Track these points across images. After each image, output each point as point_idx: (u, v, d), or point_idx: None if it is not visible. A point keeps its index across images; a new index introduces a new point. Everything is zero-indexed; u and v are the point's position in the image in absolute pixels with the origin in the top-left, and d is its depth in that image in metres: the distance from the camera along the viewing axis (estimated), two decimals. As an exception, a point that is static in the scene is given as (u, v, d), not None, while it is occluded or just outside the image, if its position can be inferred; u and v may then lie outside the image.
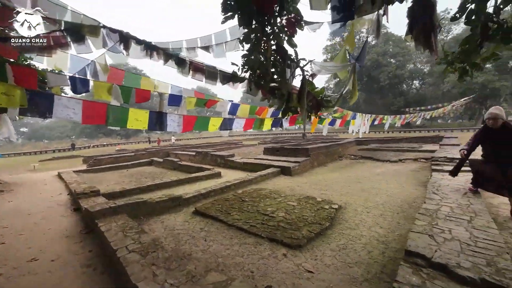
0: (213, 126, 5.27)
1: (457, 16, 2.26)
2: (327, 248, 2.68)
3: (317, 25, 3.58)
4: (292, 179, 6.50)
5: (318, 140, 13.94)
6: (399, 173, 6.47)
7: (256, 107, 6.17)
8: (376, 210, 3.80)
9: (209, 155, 10.29)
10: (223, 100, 5.27)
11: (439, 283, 1.57)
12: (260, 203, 4.17)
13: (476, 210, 2.75)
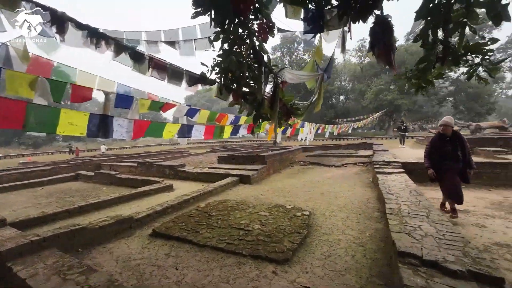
0: (169, 133, 4.69)
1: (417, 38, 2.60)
2: (313, 258, 2.61)
3: (290, 33, 3.63)
4: (253, 187, 6.35)
5: (268, 148, 14.34)
6: (346, 177, 7.18)
7: (216, 114, 5.85)
8: (341, 213, 4.02)
9: (155, 166, 9.17)
10: (181, 105, 4.75)
11: (438, 280, 1.67)
12: (230, 216, 3.84)
13: (426, 206, 3.21)
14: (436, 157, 3.85)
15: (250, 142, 33.48)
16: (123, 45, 2.91)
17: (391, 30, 2.95)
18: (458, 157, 3.69)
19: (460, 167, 3.70)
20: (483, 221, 3.48)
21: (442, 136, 3.83)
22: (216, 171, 7.67)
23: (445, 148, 3.74)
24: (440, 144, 3.81)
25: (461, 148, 3.70)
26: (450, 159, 3.71)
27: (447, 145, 3.74)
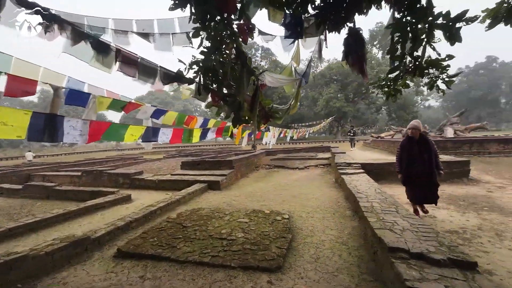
0: (132, 136, 4.19)
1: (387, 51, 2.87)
2: (304, 262, 2.59)
3: (270, 37, 3.63)
4: (223, 193, 6.11)
5: (232, 152, 14.13)
6: (311, 178, 7.54)
7: (185, 116, 5.47)
8: (317, 214, 4.15)
9: (106, 174, 8.05)
10: (147, 105, 4.28)
11: (428, 271, 1.82)
12: (208, 226, 3.58)
13: (392, 202, 3.56)
14: (405, 160, 3.87)
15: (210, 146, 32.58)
16: (83, 32, 2.43)
17: (363, 42, 3.19)
18: (425, 160, 3.70)
19: (428, 172, 3.69)
20: (433, 212, 4.04)
21: (410, 139, 3.87)
22: (181, 177, 7.14)
23: (413, 150, 3.77)
24: (409, 147, 3.84)
25: (428, 150, 3.72)
26: (418, 162, 3.73)
27: (415, 148, 3.77)
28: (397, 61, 2.89)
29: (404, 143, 3.96)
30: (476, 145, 9.54)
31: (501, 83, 47.94)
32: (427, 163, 3.71)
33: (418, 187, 3.81)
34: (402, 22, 2.59)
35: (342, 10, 2.80)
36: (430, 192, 3.76)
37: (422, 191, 3.77)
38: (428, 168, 3.70)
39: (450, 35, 2.45)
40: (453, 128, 18.68)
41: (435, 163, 3.74)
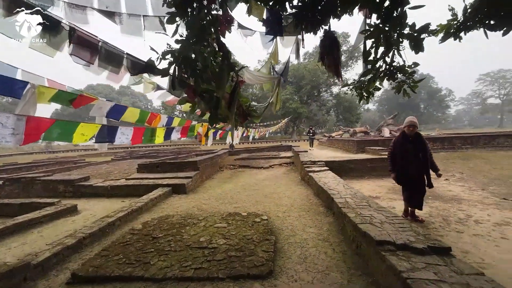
0: (82, 136, 3.55)
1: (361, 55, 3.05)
2: (293, 264, 2.54)
3: (250, 32, 3.47)
4: (190, 197, 5.68)
5: (192, 153, 13.40)
6: (278, 177, 7.66)
7: (147, 113, 4.87)
8: (293, 212, 4.19)
9: (39, 182, 6.66)
10: (103, 100, 3.64)
11: (415, 260, 1.96)
12: (183, 234, 3.23)
13: (362, 197, 3.83)
14: (399, 159, 3.63)
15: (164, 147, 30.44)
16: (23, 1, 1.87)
17: (338, 44, 3.32)
18: (420, 158, 3.49)
19: (424, 173, 3.53)
20: (392, 203, 4.51)
21: (405, 137, 3.62)
22: (139, 182, 6.39)
23: (408, 149, 3.55)
24: (403, 145, 3.60)
25: (423, 149, 3.50)
26: (412, 161, 3.51)
27: (409, 146, 3.55)
28: (370, 65, 3.08)
29: (398, 140, 3.70)
30: (411, 143, 11.17)
31: (421, 92, 57.70)
32: (422, 164, 3.50)
33: (414, 190, 3.58)
34: (378, 29, 2.75)
35: (318, 13, 2.85)
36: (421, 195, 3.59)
37: (420, 194, 3.56)
38: (424, 169, 3.52)
39: (415, 44, 2.70)
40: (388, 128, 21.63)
41: (430, 164, 3.54)
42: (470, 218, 3.71)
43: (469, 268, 1.81)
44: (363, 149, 11.04)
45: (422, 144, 3.56)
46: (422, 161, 3.50)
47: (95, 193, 6.22)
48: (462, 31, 2.85)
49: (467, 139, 11.35)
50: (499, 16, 2.46)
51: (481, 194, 4.97)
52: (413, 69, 2.94)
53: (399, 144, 3.66)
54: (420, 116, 58.25)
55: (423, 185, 3.56)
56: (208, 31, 2.61)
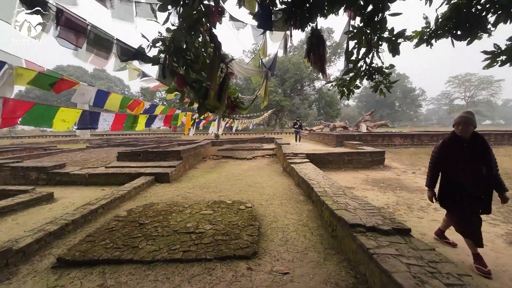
0: (63, 123, 3.49)
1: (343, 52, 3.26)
2: (275, 246, 2.76)
3: (242, 24, 3.51)
4: (174, 186, 5.71)
5: (174, 142, 13.17)
6: (260, 168, 7.89)
7: (129, 99, 4.77)
8: (275, 200, 4.43)
9: (7, 169, 6.26)
10: (86, 85, 3.52)
11: (381, 239, 2.26)
12: (169, 221, 3.32)
13: (339, 186, 4.15)
14: (448, 170, 2.50)
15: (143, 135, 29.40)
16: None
17: (324, 42, 3.51)
18: (480, 170, 2.30)
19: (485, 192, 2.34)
20: (364, 193, 4.92)
21: (457, 140, 2.45)
22: (120, 170, 6.25)
23: (462, 158, 2.38)
24: (455, 151, 2.43)
25: (485, 159, 2.33)
26: (468, 173, 2.34)
27: (465, 154, 2.38)
28: (352, 64, 3.30)
29: (446, 144, 2.53)
30: (386, 138, 11.98)
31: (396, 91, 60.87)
32: (484, 178, 2.30)
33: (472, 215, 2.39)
34: (360, 31, 2.95)
35: (306, 10, 2.99)
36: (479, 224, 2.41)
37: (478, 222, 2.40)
38: (485, 186, 2.32)
39: (392, 48, 2.95)
40: (365, 124, 22.76)
41: (494, 179, 2.34)
42: (430, 206, 4.19)
43: (423, 245, 2.14)
44: (341, 143, 11.61)
45: (484, 150, 2.34)
46: (484, 174, 2.29)
47: (72, 181, 6.00)
48: (434, 39, 3.15)
49: (434, 137, 12.37)
50: (464, 27, 2.77)
51: (441, 185, 5.57)
52: (389, 70, 3.21)
53: (448, 150, 2.50)
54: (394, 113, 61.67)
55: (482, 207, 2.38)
56: (200, 21, 2.64)
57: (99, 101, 3.76)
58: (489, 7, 2.62)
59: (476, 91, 61.78)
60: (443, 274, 1.67)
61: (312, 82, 43.80)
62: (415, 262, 1.83)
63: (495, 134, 12.66)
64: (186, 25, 2.44)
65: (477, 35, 2.78)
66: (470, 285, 1.57)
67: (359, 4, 2.78)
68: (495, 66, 2.79)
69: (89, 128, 3.79)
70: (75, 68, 53.60)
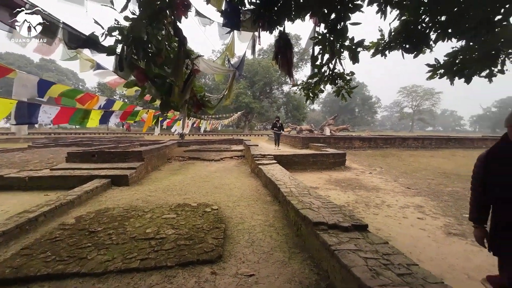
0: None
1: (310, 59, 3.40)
2: (241, 247, 2.71)
3: (208, 21, 3.39)
4: (133, 189, 5.28)
5: (135, 142, 12.25)
6: (228, 169, 7.78)
7: (79, 92, 4.30)
8: (242, 202, 4.39)
9: None
10: (24, 74, 3.05)
11: (342, 236, 2.36)
12: (126, 227, 3.04)
13: (304, 187, 4.28)
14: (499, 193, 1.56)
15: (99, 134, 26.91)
16: None
17: (291, 46, 3.61)
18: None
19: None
20: (327, 192, 5.17)
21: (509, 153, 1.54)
22: (69, 173, 5.57)
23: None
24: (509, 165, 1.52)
25: None
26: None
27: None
28: (317, 69, 3.45)
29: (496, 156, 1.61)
30: (347, 141, 12.85)
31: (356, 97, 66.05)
32: None
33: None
34: (324, 38, 3.09)
35: (274, 13, 3.04)
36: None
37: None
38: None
39: (352, 56, 3.15)
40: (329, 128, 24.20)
41: None
42: (384, 203, 4.58)
43: (378, 239, 2.30)
44: (307, 145, 12.10)
45: None
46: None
47: (8, 186, 5.15)
48: (387, 50, 3.45)
49: (387, 140, 13.67)
50: (412, 42, 3.08)
51: (393, 184, 6.14)
52: (350, 77, 3.42)
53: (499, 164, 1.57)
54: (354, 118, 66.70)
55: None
56: (163, 12, 2.49)
57: (42, 94, 3.29)
58: (431, 26, 2.95)
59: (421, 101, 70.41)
60: (395, 265, 1.81)
61: (280, 86, 45.05)
62: (372, 256, 1.95)
63: (435, 139, 14.50)
64: (147, 15, 2.27)
65: (422, 49, 3.11)
66: (417, 273, 1.72)
67: (324, 12, 2.90)
68: (436, 78, 3.16)
69: (28, 123, 3.30)
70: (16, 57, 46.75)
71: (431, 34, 3.01)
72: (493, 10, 2.50)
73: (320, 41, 3.13)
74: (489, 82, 2.83)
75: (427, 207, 4.38)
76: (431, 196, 5.07)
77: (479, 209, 1.71)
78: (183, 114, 3.30)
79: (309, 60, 3.47)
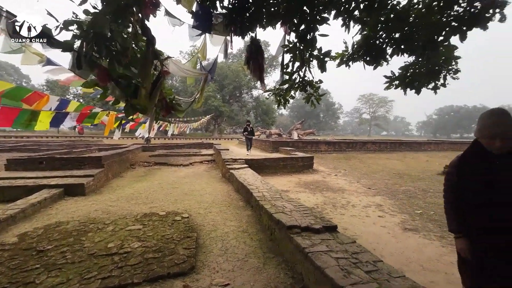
0: None
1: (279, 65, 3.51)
2: (215, 256, 2.63)
3: (178, 22, 3.25)
4: (91, 199, 4.77)
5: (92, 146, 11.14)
6: (199, 175, 7.54)
7: (26, 91, 3.78)
8: (214, 208, 4.27)
9: None
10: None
11: (314, 238, 2.44)
12: (83, 243, 2.72)
13: (276, 190, 4.34)
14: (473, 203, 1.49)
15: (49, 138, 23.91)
16: None
17: (262, 53, 3.69)
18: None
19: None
20: (298, 195, 5.34)
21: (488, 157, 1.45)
22: (9, 183, 4.81)
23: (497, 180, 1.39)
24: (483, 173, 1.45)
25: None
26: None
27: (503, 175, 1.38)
28: (288, 76, 3.56)
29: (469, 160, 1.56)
30: (314, 145, 13.49)
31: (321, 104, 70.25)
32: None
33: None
34: (295, 46, 3.22)
35: (246, 19, 3.09)
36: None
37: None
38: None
39: (321, 65, 3.33)
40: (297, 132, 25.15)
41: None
42: (349, 203, 4.89)
43: (347, 239, 2.44)
44: (277, 149, 12.38)
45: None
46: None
47: None
48: (351, 61, 3.72)
49: (349, 144, 14.70)
50: (371, 55, 3.38)
51: (356, 185, 6.61)
52: (319, 84, 3.60)
53: (473, 170, 1.51)
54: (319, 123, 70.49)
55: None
56: (130, 9, 2.33)
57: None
58: (387, 41, 3.27)
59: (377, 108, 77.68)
60: (363, 263, 1.93)
61: (250, 90, 45.54)
62: (342, 256, 2.05)
63: (390, 143, 16.05)
64: (111, 11, 2.09)
65: (380, 62, 3.42)
66: (382, 269, 1.86)
67: (294, 22, 3.02)
68: (392, 88, 3.50)
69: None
70: None
71: (387, 49, 3.33)
72: (436, 32, 2.88)
73: (291, 49, 3.25)
74: (434, 93, 3.23)
75: (386, 206, 4.79)
76: (389, 195, 5.58)
77: (457, 219, 1.59)
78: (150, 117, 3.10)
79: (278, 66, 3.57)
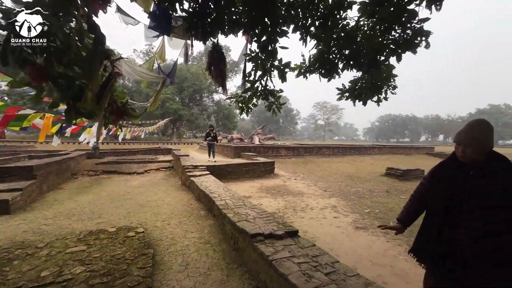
0: None
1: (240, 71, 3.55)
2: (174, 273, 2.45)
3: (133, 20, 2.98)
4: (18, 218, 3.99)
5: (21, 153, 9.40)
6: (155, 183, 7.02)
7: None
8: (173, 220, 4.02)
9: None
10: None
11: (277, 244, 2.48)
12: (7, 274, 2.24)
13: (239, 197, 4.30)
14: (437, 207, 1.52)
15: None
16: None
17: (224, 59, 3.68)
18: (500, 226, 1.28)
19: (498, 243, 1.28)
20: (260, 201, 5.40)
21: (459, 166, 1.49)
22: None
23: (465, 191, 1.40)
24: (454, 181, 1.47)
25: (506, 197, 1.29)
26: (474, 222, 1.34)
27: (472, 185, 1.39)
28: (250, 84, 3.61)
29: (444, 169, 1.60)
30: (275, 150, 13.89)
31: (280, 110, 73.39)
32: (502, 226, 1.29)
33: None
34: (257, 56, 3.29)
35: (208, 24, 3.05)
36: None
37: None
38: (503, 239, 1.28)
39: (281, 75, 3.47)
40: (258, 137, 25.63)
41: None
42: (308, 206, 5.15)
43: (307, 242, 2.55)
44: (239, 154, 12.37)
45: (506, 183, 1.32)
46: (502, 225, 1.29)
47: None
48: (308, 73, 3.97)
49: (307, 149, 15.59)
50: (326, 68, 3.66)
51: (314, 188, 7.01)
52: (279, 94, 3.74)
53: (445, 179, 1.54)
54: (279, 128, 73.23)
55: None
56: (74, 3, 2.06)
57: None
58: (339, 57, 3.59)
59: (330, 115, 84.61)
60: (323, 266, 2.03)
61: (211, 94, 44.80)
62: (304, 260, 2.13)
63: (342, 147, 17.58)
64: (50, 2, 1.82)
65: (333, 75, 3.73)
66: (339, 270, 1.99)
67: (256, 32, 3.09)
68: (343, 99, 3.84)
69: None
70: None
71: (339, 64, 3.65)
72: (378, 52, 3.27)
73: (253, 59, 3.30)
74: (377, 105, 3.65)
75: (340, 207, 5.19)
76: (342, 197, 6.06)
77: (410, 215, 1.76)
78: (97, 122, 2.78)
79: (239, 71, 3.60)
